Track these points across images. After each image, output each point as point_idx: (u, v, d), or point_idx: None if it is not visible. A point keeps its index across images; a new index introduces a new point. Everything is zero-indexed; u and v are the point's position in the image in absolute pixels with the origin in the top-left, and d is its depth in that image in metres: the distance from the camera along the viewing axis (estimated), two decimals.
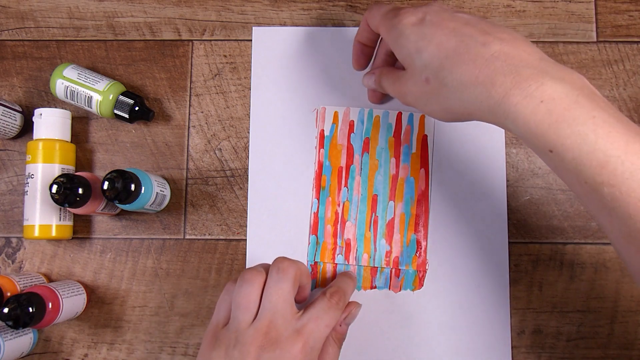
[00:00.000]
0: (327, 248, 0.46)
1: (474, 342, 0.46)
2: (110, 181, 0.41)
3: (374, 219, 0.46)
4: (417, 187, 0.46)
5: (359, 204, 0.46)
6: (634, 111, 0.48)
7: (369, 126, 0.47)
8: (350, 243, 0.46)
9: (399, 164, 0.46)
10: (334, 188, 0.46)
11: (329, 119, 0.47)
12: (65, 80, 0.47)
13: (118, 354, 0.47)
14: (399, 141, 0.47)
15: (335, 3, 0.50)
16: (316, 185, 0.47)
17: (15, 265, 0.48)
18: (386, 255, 0.46)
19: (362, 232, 0.46)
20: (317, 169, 0.47)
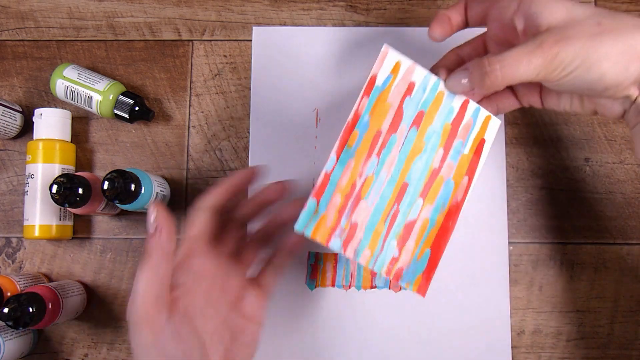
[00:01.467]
0: (326, 224, 0.35)
1: (474, 342, 0.46)
2: (110, 181, 0.41)
3: (394, 211, 0.36)
4: (454, 194, 0.37)
5: (384, 185, 0.36)
6: None
7: (430, 98, 0.37)
8: (356, 229, 0.35)
9: (446, 158, 0.37)
10: (363, 152, 0.35)
11: (388, 66, 0.36)
12: (65, 80, 0.47)
13: (118, 354, 0.47)
14: (455, 132, 0.37)
15: (335, 3, 0.50)
16: (342, 139, 0.35)
17: (15, 265, 0.48)
18: (391, 261, 0.36)
19: (375, 220, 0.36)
20: (350, 119, 0.35)
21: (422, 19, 0.50)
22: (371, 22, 0.50)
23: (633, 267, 0.47)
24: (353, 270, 0.47)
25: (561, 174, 0.48)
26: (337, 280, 0.47)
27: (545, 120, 0.48)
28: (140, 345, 0.32)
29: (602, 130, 0.48)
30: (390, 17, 0.50)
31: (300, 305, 0.47)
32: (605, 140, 0.48)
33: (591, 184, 0.48)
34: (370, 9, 0.50)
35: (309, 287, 0.47)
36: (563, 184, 0.48)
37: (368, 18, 0.50)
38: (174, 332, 0.32)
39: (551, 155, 0.48)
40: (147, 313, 0.32)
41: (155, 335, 0.32)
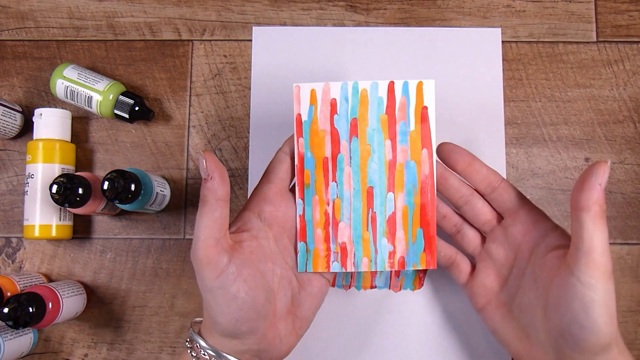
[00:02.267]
0: (320, 255, 0.38)
1: (474, 342, 0.46)
2: (111, 181, 0.41)
3: (371, 216, 0.38)
4: (419, 171, 0.38)
5: (352, 200, 0.38)
6: (634, 111, 0.48)
7: (355, 103, 0.37)
8: (347, 247, 0.38)
9: (396, 146, 0.38)
10: (320, 184, 0.38)
11: (305, 99, 0.38)
12: (65, 80, 0.47)
13: (118, 354, 0.47)
14: (394, 118, 0.37)
15: (335, 3, 0.50)
16: (299, 182, 0.38)
17: (15, 265, 0.48)
18: (389, 256, 0.38)
19: (359, 233, 0.38)
20: (297, 164, 0.38)
21: (422, 19, 0.50)
22: (371, 22, 0.50)
23: (633, 267, 0.47)
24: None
25: (561, 174, 0.48)
26: (337, 280, 0.47)
27: (545, 120, 0.48)
28: (204, 286, 0.33)
29: (602, 130, 0.48)
30: (390, 17, 0.50)
31: None
32: (605, 140, 0.48)
33: None
34: (370, 9, 0.50)
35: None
36: (563, 184, 0.48)
37: (368, 18, 0.50)
38: (236, 273, 0.33)
39: (551, 155, 0.48)
40: (208, 256, 0.33)
41: (218, 275, 0.33)
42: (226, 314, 0.33)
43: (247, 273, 0.34)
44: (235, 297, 0.33)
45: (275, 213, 0.37)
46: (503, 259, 0.38)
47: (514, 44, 0.49)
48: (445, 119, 0.48)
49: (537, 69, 0.49)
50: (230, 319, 0.33)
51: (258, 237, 0.36)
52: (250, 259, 0.34)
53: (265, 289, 0.35)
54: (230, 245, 0.34)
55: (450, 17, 0.50)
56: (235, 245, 0.34)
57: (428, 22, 0.50)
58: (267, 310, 0.35)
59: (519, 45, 0.49)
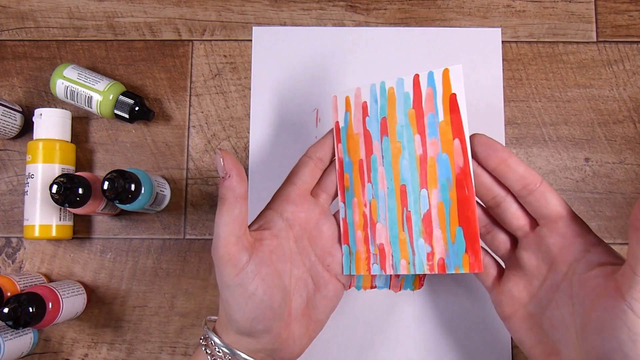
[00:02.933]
0: (361, 258, 0.38)
1: (474, 342, 0.46)
2: (110, 181, 0.41)
3: (406, 215, 0.36)
4: (452, 164, 0.34)
5: (386, 200, 0.37)
6: (634, 111, 0.48)
7: (384, 103, 0.37)
8: (384, 249, 0.37)
9: (425, 140, 0.35)
10: (358, 186, 0.38)
11: (342, 107, 0.38)
12: (65, 80, 0.47)
13: (118, 354, 0.47)
14: (421, 111, 0.35)
15: (335, 3, 0.50)
16: (340, 186, 0.38)
17: (15, 265, 0.48)
18: (428, 258, 0.35)
19: (395, 233, 0.36)
20: (338, 168, 0.38)
21: (422, 19, 0.50)
22: (371, 22, 0.50)
23: None
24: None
25: (561, 174, 0.48)
26: None
27: (545, 120, 0.48)
28: (224, 282, 0.33)
29: (602, 130, 0.48)
30: (390, 17, 0.50)
31: None
32: (605, 140, 0.48)
33: (591, 184, 0.48)
34: (370, 9, 0.50)
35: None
36: (563, 184, 0.48)
37: (368, 18, 0.50)
38: (255, 272, 0.33)
39: (551, 155, 0.48)
40: (228, 253, 0.33)
41: (237, 272, 0.33)
42: (244, 311, 0.33)
43: (266, 272, 0.34)
44: (253, 295, 0.33)
45: (297, 214, 0.37)
46: (535, 269, 0.34)
47: (514, 44, 0.49)
48: None
49: (537, 69, 0.49)
50: (247, 317, 0.33)
51: (279, 237, 0.36)
52: (270, 258, 0.35)
53: (282, 289, 0.35)
54: (250, 243, 0.34)
55: (450, 17, 0.50)
56: (255, 243, 0.34)
57: (428, 22, 0.50)
58: (282, 310, 0.35)
59: (519, 45, 0.49)
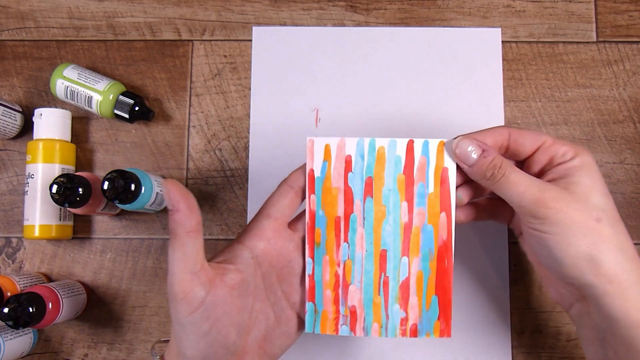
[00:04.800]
0: (328, 317, 0.37)
1: (474, 342, 0.46)
2: (111, 181, 0.41)
3: (383, 280, 0.36)
4: (437, 236, 0.36)
5: (363, 263, 0.36)
6: (634, 111, 0.48)
7: (372, 162, 0.36)
8: (356, 311, 0.36)
9: (413, 208, 0.36)
10: (332, 244, 0.37)
11: (319, 154, 0.36)
12: (65, 80, 0.47)
13: (118, 354, 0.47)
14: (412, 179, 0.36)
15: (335, 3, 0.50)
16: (309, 240, 0.37)
17: (15, 265, 0.48)
18: (401, 323, 0.36)
19: (369, 297, 0.36)
20: (308, 221, 0.37)
21: (422, 19, 0.50)
22: (371, 22, 0.50)
23: None
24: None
25: None
26: None
27: (545, 120, 0.48)
28: (177, 319, 0.32)
29: (602, 130, 0.48)
30: (390, 17, 0.50)
31: None
32: (605, 140, 0.48)
33: None
34: (370, 9, 0.50)
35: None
36: None
37: (368, 18, 0.50)
38: (210, 310, 0.32)
39: None
40: (183, 291, 0.31)
41: (191, 311, 0.31)
42: (195, 349, 0.32)
43: (223, 311, 0.33)
44: (206, 334, 0.32)
45: (269, 251, 0.36)
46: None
47: (514, 44, 0.49)
48: (445, 120, 0.48)
49: (537, 69, 0.49)
50: (198, 355, 0.32)
51: (244, 272, 0.35)
52: (230, 294, 0.33)
53: (239, 325, 0.34)
54: (209, 278, 0.32)
55: (450, 17, 0.50)
56: (215, 278, 0.33)
57: (428, 22, 0.50)
58: (237, 346, 0.34)
59: (519, 45, 0.49)
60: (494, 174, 0.34)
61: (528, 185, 0.33)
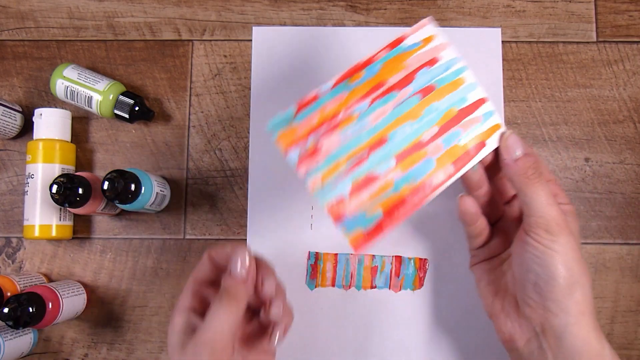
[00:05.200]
0: (293, 134, 0.36)
1: (474, 342, 0.46)
2: (110, 181, 0.41)
3: (361, 156, 0.36)
4: (430, 174, 0.36)
5: (364, 130, 0.36)
6: (634, 111, 0.48)
7: (448, 79, 0.37)
8: (316, 156, 0.36)
9: (437, 138, 0.36)
10: (359, 92, 0.36)
11: (421, 35, 0.38)
12: (65, 80, 0.47)
13: (118, 354, 0.47)
14: (458, 121, 0.36)
15: (335, 3, 0.50)
16: (345, 73, 0.37)
17: (15, 265, 0.48)
18: (338, 200, 0.35)
19: (339, 155, 0.36)
20: (362, 62, 0.37)
21: (422, 19, 0.50)
22: (371, 22, 0.50)
23: (633, 267, 0.47)
24: (353, 270, 0.47)
25: (561, 174, 0.48)
26: (337, 280, 0.47)
27: (545, 120, 0.48)
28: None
29: (602, 130, 0.48)
30: (390, 17, 0.50)
31: (300, 305, 0.47)
32: (605, 140, 0.48)
33: (591, 184, 0.48)
34: (370, 9, 0.50)
35: (309, 287, 0.47)
36: (563, 184, 0.48)
37: (368, 18, 0.50)
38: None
39: (551, 155, 0.48)
40: (224, 349, 0.32)
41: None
42: None
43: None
44: None
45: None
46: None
47: (514, 44, 0.49)
48: None
49: (537, 69, 0.49)
50: None
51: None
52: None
53: None
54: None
55: (450, 17, 0.50)
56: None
57: None
58: None
59: (519, 45, 0.49)
60: (534, 174, 0.35)
61: (554, 201, 0.35)
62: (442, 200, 0.47)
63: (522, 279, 0.36)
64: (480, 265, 0.41)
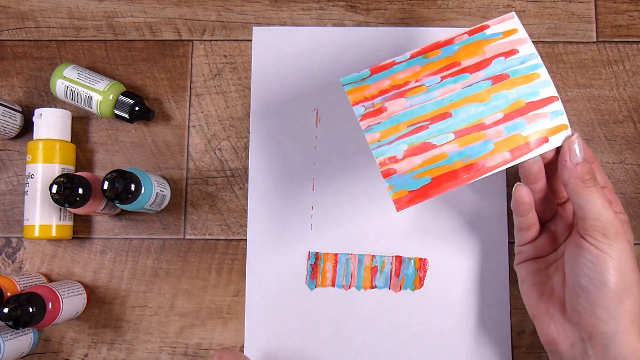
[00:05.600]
0: (363, 92, 0.38)
1: (474, 342, 0.46)
2: (111, 181, 0.41)
3: (422, 125, 0.37)
4: (485, 156, 0.37)
5: (430, 101, 0.37)
6: (634, 111, 0.48)
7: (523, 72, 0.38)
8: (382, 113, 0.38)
9: (500, 124, 0.37)
10: (432, 67, 0.39)
11: (504, 27, 0.39)
12: (65, 80, 0.47)
13: (118, 354, 0.47)
14: (524, 112, 0.37)
15: (335, 3, 0.50)
16: (423, 49, 0.38)
17: (15, 265, 0.48)
18: (390, 158, 0.37)
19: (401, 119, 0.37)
20: (442, 41, 0.38)
21: (422, 19, 0.50)
22: (371, 22, 0.50)
23: None
24: (353, 270, 0.47)
25: None
26: (337, 280, 0.47)
27: None
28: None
29: (602, 130, 0.48)
30: (390, 17, 0.50)
31: (300, 305, 0.47)
32: (605, 140, 0.48)
33: None
34: (370, 9, 0.50)
35: (309, 287, 0.47)
36: None
37: (368, 18, 0.50)
38: None
39: None
40: None
41: None
42: None
43: None
44: None
45: None
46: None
47: None
48: None
49: None
50: None
51: None
52: None
53: None
54: None
55: (450, 17, 0.50)
56: None
57: (428, 22, 0.50)
58: None
59: None
60: (590, 179, 0.35)
61: (609, 206, 0.35)
62: (442, 201, 0.47)
63: (573, 284, 0.36)
64: (526, 265, 0.41)
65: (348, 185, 0.48)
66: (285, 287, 0.47)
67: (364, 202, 0.48)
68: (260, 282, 0.47)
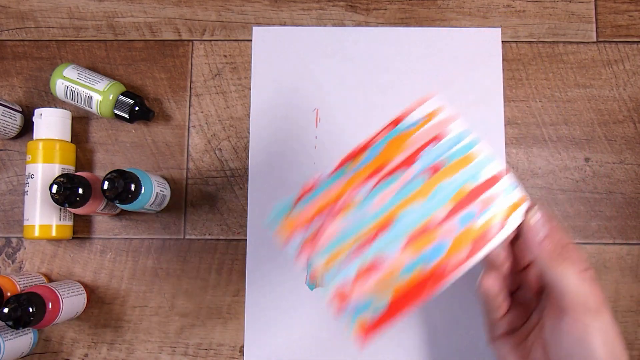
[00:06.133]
0: (294, 222, 0.34)
1: (474, 342, 0.46)
2: (111, 181, 0.41)
3: (368, 239, 0.33)
4: (445, 258, 0.32)
5: (368, 215, 0.33)
6: (634, 111, 0.48)
7: (458, 154, 0.34)
8: (321, 239, 0.34)
9: (449, 219, 0.33)
10: (361, 175, 0.34)
11: (425, 110, 0.35)
12: (65, 80, 0.47)
13: (118, 354, 0.47)
14: (471, 200, 0.33)
15: (335, 3, 0.50)
16: (344, 159, 0.34)
17: (15, 265, 0.48)
18: (337, 291, 0.33)
19: (343, 239, 0.33)
20: (361, 144, 0.34)
21: (422, 19, 0.50)
22: (371, 22, 0.50)
23: (633, 267, 0.47)
24: None
25: (561, 174, 0.48)
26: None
27: (545, 120, 0.48)
28: None
29: (602, 130, 0.48)
30: (390, 17, 0.50)
31: (300, 305, 0.47)
32: (605, 140, 0.48)
33: (591, 184, 0.48)
34: (370, 9, 0.50)
35: (309, 287, 0.47)
36: (563, 184, 0.48)
37: (368, 18, 0.50)
38: None
39: (551, 155, 0.48)
40: None
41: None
42: None
43: None
44: None
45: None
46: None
47: (514, 44, 0.49)
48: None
49: (537, 69, 0.49)
50: None
51: None
52: None
53: None
54: None
55: (450, 17, 0.50)
56: None
57: (428, 22, 0.50)
58: None
59: (519, 45, 0.49)
60: (560, 254, 0.32)
61: (585, 275, 0.32)
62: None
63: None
64: (503, 342, 0.38)
65: None
66: (285, 287, 0.47)
67: None
68: (260, 282, 0.47)
